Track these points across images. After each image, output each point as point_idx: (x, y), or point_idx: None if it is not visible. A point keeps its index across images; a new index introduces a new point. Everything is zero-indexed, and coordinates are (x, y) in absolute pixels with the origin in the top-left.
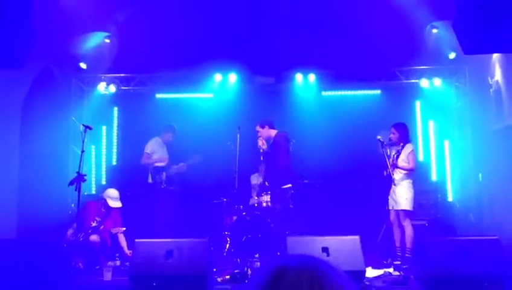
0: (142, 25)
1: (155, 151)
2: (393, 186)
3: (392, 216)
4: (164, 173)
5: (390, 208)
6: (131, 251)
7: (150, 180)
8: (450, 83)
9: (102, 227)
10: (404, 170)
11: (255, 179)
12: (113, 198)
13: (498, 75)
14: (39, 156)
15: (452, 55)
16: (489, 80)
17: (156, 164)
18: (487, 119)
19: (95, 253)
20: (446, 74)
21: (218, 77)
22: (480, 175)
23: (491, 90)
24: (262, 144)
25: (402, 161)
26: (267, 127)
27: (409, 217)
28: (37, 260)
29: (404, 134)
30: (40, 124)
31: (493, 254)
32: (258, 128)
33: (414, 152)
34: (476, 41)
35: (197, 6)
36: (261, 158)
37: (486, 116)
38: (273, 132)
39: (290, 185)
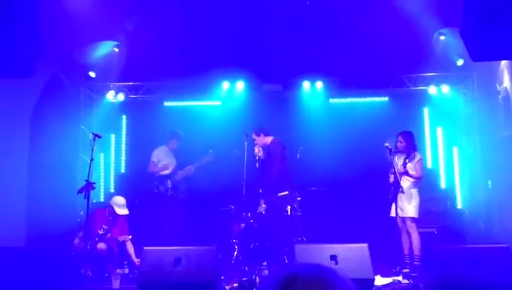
0: (150, 33)
1: (161, 159)
2: (400, 193)
3: (400, 223)
4: (169, 181)
5: (399, 215)
6: (139, 259)
7: (156, 190)
8: (458, 89)
9: (109, 235)
10: (413, 178)
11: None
12: (120, 205)
13: (507, 81)
14: (48, 164)
15: (460, 62)
16: (498, 87)
17: (161, 173)
18: (496, 126)
19: (103, 261)
20: (454, 80)
21: (225, 84)
22: (489, 182)
23: (499, 96)
24: (258, 151)
25: (410, 169)
26: (262, 135)
27: (415, 225)
28: (46, 268)
29: (411, 142)
30: (49, 133)
31: (503, 262)
32: (253, 136)
33: (422, 161)
34: (484, 48)
35: (204, 15)
36: (257, 165)
37: (495, 123)
38: (268, 139)
39: (286, 193)
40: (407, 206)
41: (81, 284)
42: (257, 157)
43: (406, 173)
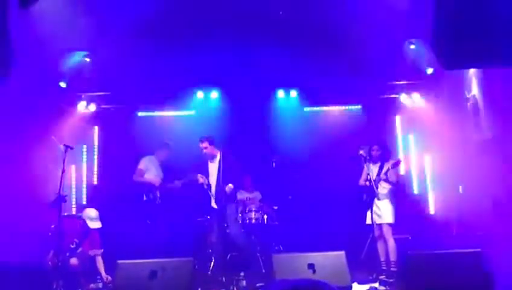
0: (121, 43)
1: (148, 168)
2: (376, 200)
3: (377, 230)
4: (158, 192)
5: (376, 222)
6: (108, 276)
7: (145, 197)
8: (428, 97)
9: (80, 249)
10: (392, 184)
11: (239, 195)
12: (92, 219)
13: (475, 89)
14: (18, 177)
15: (430, 71)
16: (466, 94)
17: (148, 180)
18: (465, 132)
19: (75, 276)
20: (425, 88)
21: (199, 94)
22: (460, 187)
23: (468, 104)
24: (204, 180)
25: (388, 176)
26: (213, 146)
27: (392, 230)
28: (18, 285)
29: (387, 150)
30: (18, 144)
31: (476, 266)
32: (206, 144)
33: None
34: (455, 57)
35: (177, 24)
36: (213, 194)
37: (465, 130)
38: (216, 151)
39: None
40: (385, 212)
41: None
42: (205, 186)
43: (386, 180)
